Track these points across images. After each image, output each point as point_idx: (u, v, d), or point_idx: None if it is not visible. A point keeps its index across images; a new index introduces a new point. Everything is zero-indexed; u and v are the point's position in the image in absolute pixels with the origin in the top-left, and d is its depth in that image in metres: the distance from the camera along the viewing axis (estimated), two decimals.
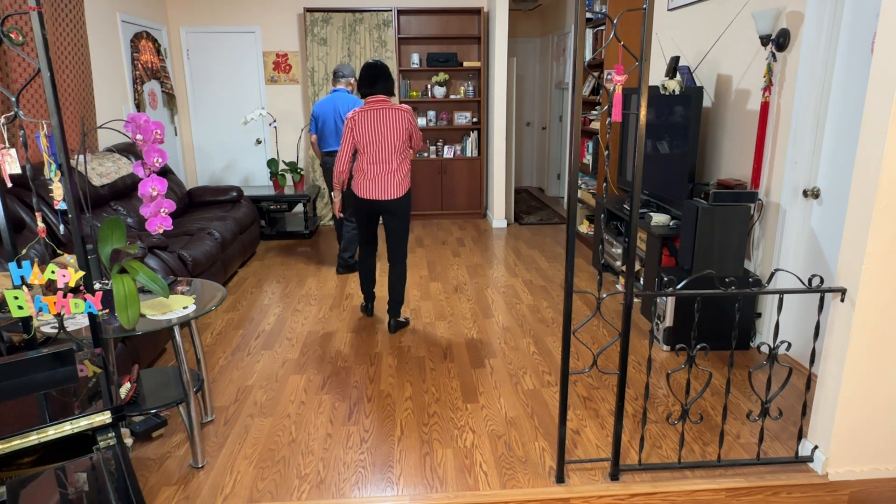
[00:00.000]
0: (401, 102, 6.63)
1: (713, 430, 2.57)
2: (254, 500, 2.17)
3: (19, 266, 1.64)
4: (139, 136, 2.12)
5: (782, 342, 2.19)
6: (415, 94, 6.63)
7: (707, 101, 3.83)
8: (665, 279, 2.24)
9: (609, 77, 5.04)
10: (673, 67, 3.76)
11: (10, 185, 1.88)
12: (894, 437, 2.20)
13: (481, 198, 6.85)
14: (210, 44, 6.43)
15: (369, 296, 3.91)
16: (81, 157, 3.95)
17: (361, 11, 6.25)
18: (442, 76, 6.57)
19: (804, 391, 2.37)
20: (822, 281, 2.12)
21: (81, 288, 1.77)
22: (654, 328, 3.45)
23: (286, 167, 6.25)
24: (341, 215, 3.81)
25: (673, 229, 3.63)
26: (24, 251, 1.91)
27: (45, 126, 1.71)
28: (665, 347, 3.34)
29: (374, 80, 3.42)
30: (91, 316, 1.77)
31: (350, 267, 4.81)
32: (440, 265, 5.03)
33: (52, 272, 1.65)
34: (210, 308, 2.30)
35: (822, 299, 2.13)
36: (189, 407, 2.32)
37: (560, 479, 2.24)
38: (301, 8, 6.38)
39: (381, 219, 6.09)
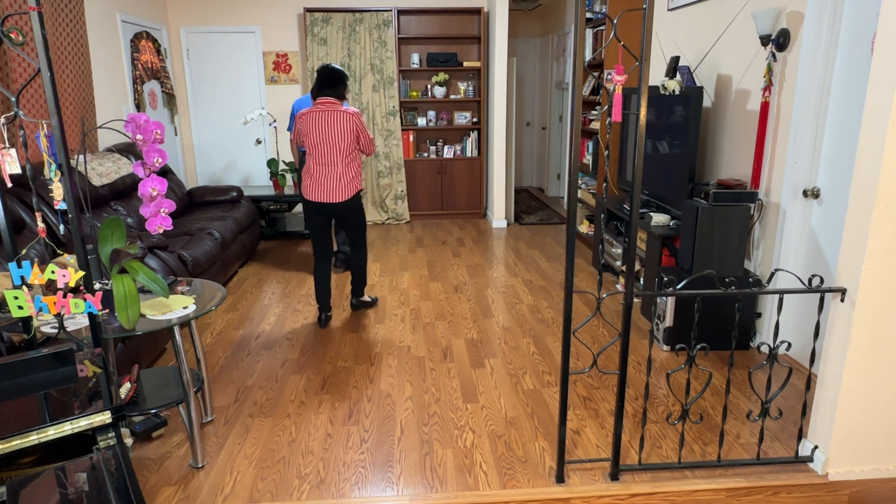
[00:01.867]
0: (401, 102, 6.63)
1: (713, 430, 2.57)
2: (254, 500, 2.17)
3: (19, 266, 1.64)
4: (139, 136, 2.12)
5: (782, 342, 2.19)
6: (415, 94, 6.63)
7: (707, 101, 3.83)
8: (665, 279, 2.24)
9: (609, 77, 5.04)
10: (673, 67, 3.76)
11: (10, 185, 1.88)
12: (894, 437, 2.20)
13: (481, 198, 6.84)
14: (210, 44, 6.43)
15: (324, 305, 3.75)
16: (81, 157, 3.95)
17: (361, 11, 6.25)
18: (442, 76, 6.56)
19: (804, 391, 2.37)
20: (822, 281, 2.12)
21: (81, 288, 1.77)
22: (654, 328, 3.45)
23: (286, 167, 6.25)
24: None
25: (673, 229, 3.63)
26: (24, 251, 1.91)
27: (45, 126, 1.71)
28: (665, 347, 3.34)
29: (324, 83, 3.47)
30: (91, 316, 1.77)
31: (345, 261, 4.96)
32: (440, 265, 5.03)
33: (52, 272, 1.65)
34: (210, 308, 2.30)
35: (822, 299, 2.13)
36: (189, 407, 2.32)
37: (560, 479, 2.24)
38: (301, 8, 6.38)
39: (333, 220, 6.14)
